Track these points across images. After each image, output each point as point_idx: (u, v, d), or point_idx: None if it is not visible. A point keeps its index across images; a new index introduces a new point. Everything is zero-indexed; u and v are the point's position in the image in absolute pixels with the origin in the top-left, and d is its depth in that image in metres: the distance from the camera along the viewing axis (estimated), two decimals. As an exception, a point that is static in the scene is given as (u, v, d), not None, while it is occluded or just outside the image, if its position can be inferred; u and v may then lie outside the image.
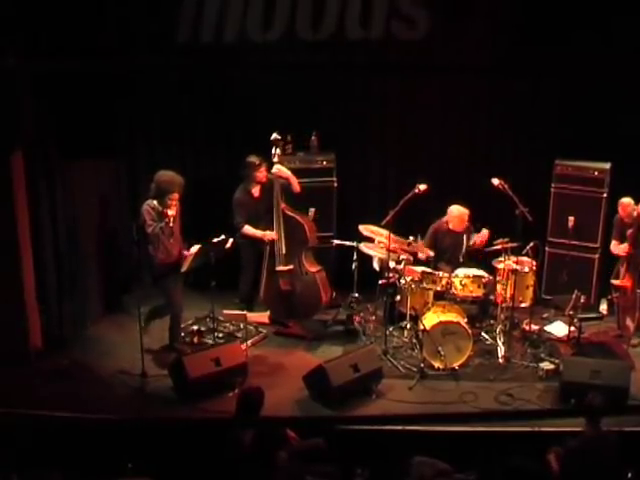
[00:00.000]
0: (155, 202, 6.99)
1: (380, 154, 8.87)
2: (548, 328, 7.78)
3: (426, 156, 8.69)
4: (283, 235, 7.68)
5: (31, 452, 5.66)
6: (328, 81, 8.44)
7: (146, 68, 8.08)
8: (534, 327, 7.65)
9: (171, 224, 6.95)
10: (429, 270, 7.63)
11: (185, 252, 7.19)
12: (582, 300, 7.40)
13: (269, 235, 7.70)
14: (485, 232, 7.76)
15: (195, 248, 7.13)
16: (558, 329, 7.73)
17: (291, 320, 7.93)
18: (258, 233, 7.72)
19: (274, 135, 7.62)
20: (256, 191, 7.80)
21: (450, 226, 7.88)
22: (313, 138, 8.49)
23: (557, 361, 7.08)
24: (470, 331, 7.07)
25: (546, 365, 7.05)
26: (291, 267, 7.75)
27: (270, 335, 7.79)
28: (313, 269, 7.84)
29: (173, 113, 8.54)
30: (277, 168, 7.65)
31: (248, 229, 7.72)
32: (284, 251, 7.71)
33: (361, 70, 8.44)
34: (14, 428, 5.93)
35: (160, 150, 8.67)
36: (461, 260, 7.91)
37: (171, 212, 6.94)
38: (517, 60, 8.07)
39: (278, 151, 7.66)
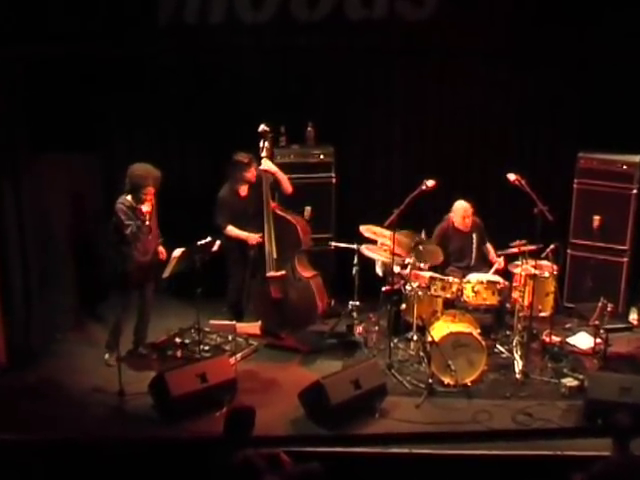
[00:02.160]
0: (129, 198, 7.00)
1: (383, 147, 8.84)
2: (571, 340, 7.75)
3: (434, 149, 8.70)
4: (274, 238, 7.62)
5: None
6: (326, 66, 8.48)
7: (124, 54, 8.08)
8: (555, 339, 7.62)
9: (147, 222, 6.97)
10: (438, 275, 7.59)
11: (161, 248, 7.24)
12: (609, 309, 7.35)
13: (253, 237, 7.65)
14: (502, 261, 7.74)
15: (178, 251, 7.10)
16: (582, 341, 7.69)
17: (284, 331, 7.88)
18: (242, 234, 7.68)
19: (262, 126, 7.57)
20: (244, 190, 7.77)
21: (455, 224, 7.88)
22: (309, 129, 8.45)
23: (581, 377, 7.04)
24: (484, 343, 7.02)
25: (569, 381, 7.00)
26: (283, 273, 7.69)
27: (261, 348, 7.75)
28: (307, 274, 7.78)
29: (154, 103, 8.53)
30: (263, 164, 7.59)
31: (232, 230, 7.69)
32: (275, 255, 7.65)
33: (362, 54, 8.43)
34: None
35: (140, 143, 8.67)
36: (472, 259, 7.89)
37: (146, 208, 6.94)
38: (534, 43, 8.10)
39: (267, 144, 7.61)
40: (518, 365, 7.23)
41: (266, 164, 7.60)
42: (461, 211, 7.83)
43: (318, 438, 6.30)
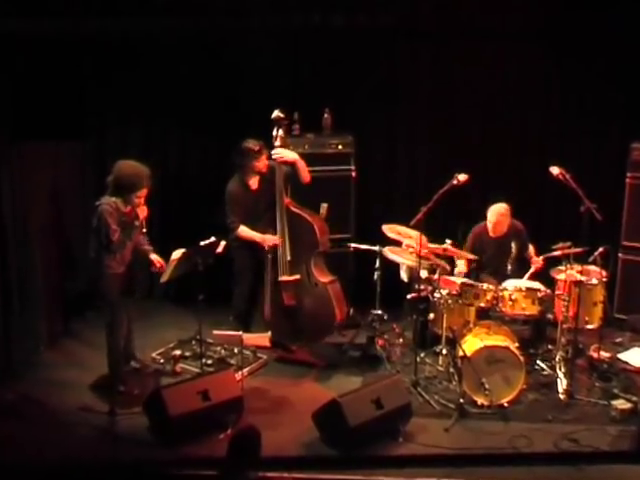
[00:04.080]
0: (115, 200, 6.88)
1: (409, 137, 8.86)
2: (622, 356, 7.70)
3: (466, 139, 8.69)
4: (287, 238, 7.59)
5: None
6: (344, 48, 8.44)
7: (118, 32, 8.06)
8: (604, 354, 7.57)
9: (144, 229, 6.94)
10: (470, 282, 7.57)
11: (154, 257, 7.15)
12: (667, 321, 7.37)
13: (270, 239, 7.60)
14: (540, 260, 7.72)
15: (178, 253, 7.03)
16: (636, 357, 7.65)
17: (297, 343, 7.85)
18: (257, 236, 7.64)
19: (276, 112, 7.54)
20: (254, 182, 7.72)
21: (489, 230, 7.88)
22: (326, 116, 8.42)
23: (635, 398, 6.96)
24: (522, 359, 6.94)
25: (620, 403, 6.89)
26: (297, 277, 7.65)
27: (271, 362, 7.74)
28: (325, 279, 7.72)
29: (151, 88, 8.52)
30: (278, 152, 7.56)
31: (244, 230, 7.64)
32: (289, 258, 7.61)
33: (385, 35, 8.42)
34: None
35: (135, 132, 8.69)
36: (509, 269, 7.79)
37: (142, 214, 6.88)
38: (577, 23, 8.14)
39: (281, 132, 7.59)
40: (561, 384, 7.16)
41: (282, 152, 7.55)
42: (493, 215, 7.78)
43: (333, 460, 6.25)
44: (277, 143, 7.56)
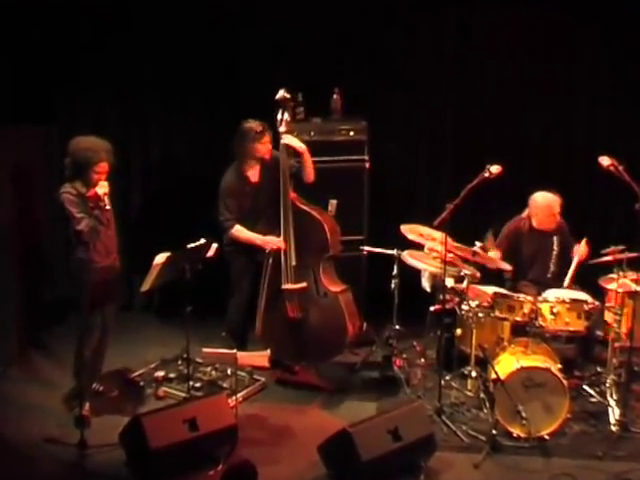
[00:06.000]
0: (75, 184, 6.80)
1: (431, 122, 8.86)
2: None
3: (499, 125, 8.72)
4: (293, 239, 7.50)
5: None
6: (357, 18, 8.44)
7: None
8: None
9: (108, 206, 6.78)
10: (504, 291, 7.48)
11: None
12: None
13: (273, 242, 7.51)
14: (583, 246, 7.63)
15: (162, 257, 6.90)
16: (702, 383, 7.36)
17: (301, 362, 7.78)
18: (256, 238, 7.56)
19: (281, 92, 7.46)
20: (254, 174, 7.63)
21: (534, 223, 7.78)
22: (335, 97, 8.37)
23: None
24: (565, 383, 6.79)
25: None
26: (304, 285, 7.55)
27: (271, 385, 7.69)
28: (335, 288, 7.63)
29: (129, 62, 8.52)
30: (287, 138, 7.50)
31: (240, 231, 7.56)
32: (294, 262, 7.49)
33: (404, 3, 8.43)
34: None
35: (110, 114, 8.71)
36: (551, 271, 7.80)
37: (102, 190, 6.70)
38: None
39: (286, 116, 7.52)
40: (613, 414, 7.03)
41: (289, 139, 7.51)
42: (548, 206, 7.66)
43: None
44: (282, 129, 7.52)
